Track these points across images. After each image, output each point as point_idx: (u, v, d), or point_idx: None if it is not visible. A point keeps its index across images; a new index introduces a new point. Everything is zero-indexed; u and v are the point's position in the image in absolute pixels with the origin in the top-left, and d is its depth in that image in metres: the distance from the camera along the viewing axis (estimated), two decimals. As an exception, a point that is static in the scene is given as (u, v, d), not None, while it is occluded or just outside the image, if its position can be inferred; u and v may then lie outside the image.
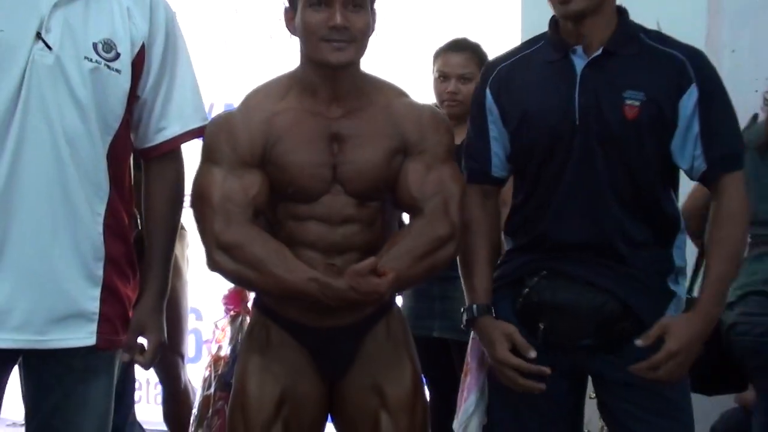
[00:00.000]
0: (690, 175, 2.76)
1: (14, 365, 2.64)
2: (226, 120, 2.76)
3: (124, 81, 2.59)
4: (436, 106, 3.72)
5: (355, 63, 2.69)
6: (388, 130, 2.72)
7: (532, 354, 2.68)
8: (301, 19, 2.64)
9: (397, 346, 2.86)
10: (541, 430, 2.84)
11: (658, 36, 2.78)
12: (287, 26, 2.71)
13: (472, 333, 3.02)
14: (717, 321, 2.78)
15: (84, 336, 2.57)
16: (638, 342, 2.61)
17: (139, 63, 2.62)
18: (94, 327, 2.58)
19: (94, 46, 2.54)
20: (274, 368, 2.80)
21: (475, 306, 2.78)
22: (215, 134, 2.72)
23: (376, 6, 2.73)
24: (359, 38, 2.63)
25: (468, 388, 3.02)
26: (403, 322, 2.93)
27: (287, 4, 2.70)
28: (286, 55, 2.74)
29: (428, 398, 3.06)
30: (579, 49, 2.71)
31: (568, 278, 2.73)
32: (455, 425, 3.10)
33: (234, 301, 3.80)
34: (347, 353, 2.80)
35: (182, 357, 4.20)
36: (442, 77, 4.03)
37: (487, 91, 2.84)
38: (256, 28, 5.40)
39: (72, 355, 2.57)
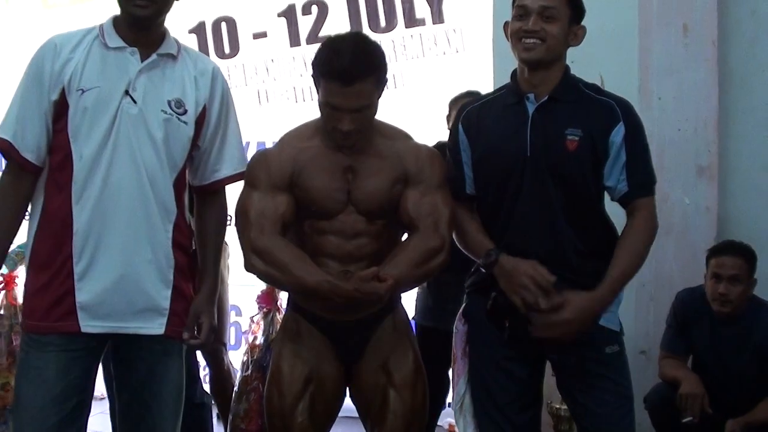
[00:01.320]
0: (612, 195, 2.79)
1: (104, 348, 2.74)
2: (263, 155, 2.88)
3: (189, 130, 2.70)
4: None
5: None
6: (392, 163, 2.79)
7: (553, 278, 2.69)
8: (320, 110, 2.75)
9: (401, 336, 2.91)
10: (508, 404, 2.86)
11: (594, 87, 2.84)
12: (316, 88, 2.77)
13: (454, 329, 3.11)
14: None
15: (156, 326, 2.67)
16: (542, 303, 2.65)
17: (201, 119, 2.73)
18: (164, 320, 2.68)
19: (168, 102, 2.67)
20: (303, 353, 2.86)
21: (492, 251, 2.76)
22: (255, 165, 2.82)
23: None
24: (365, 130, 2.73)
25: (457, 373, 3.08)
26: (406, 317, 2.99)
27: (314, 79, 2.77)
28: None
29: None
30: (531, 96, 2.76)
31: None
32: (452, 404, 3.18)
33: (266, 300, 3.84)
34: (361, 341, 2.86)
35: (225, 345, 4.22)
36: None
37: (460, 126, 2.89)
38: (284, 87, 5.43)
39: (153, 341, 2.68)
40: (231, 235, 2.97)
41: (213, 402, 4.13)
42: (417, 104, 4.54)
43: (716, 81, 4.17)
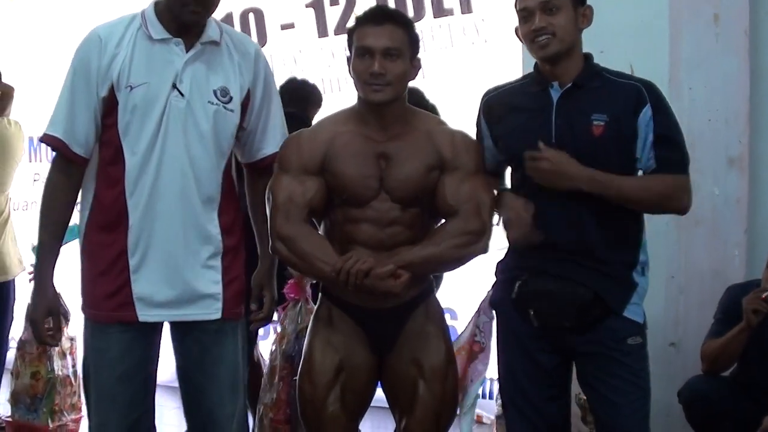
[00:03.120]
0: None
1: (160, 335, 2.86)
2: (296, 136, 2.88)
3: (236, 117, 2.79)
4: None
5: (395, 100, 2.77)
6: (426, 149, 2.80)
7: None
8: (352, 66, 2.79)
9: (434, 327, 2.90)
10: (537, 394, 2.88)
11: (617, 73, 2.84)
12: (349, 71, 2.82)
13: (482, 316, 3.13)
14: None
15: (212, 312, 2.79)
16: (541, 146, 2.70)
17: (245, 103, 2.82)
18: (219, 305, 2.79)
19: (214, 92, 2.75)
20: (335, 342, 2.87)
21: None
22: (287, 148, 2.86)
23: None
24: (394, 82, 2.73)
25: (482, 363, 3.11)
26: (439, 307, 2.97)
27: (348, 54, 2.83)
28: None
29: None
30: (555, 84, 2.78)
31: (552, 274, 2.78)
32: (470, 392, 3.20)
33: (294, 290, 3.84)
34: (393, 331, 2.85)
35: (255, 335, 4.24)
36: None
37: (481, 114, 2.93)
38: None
39: (207, 322, 2.78)
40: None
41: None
42: (446, 94, 4.52)
43: (747, 72, 4.15)
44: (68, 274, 4.89)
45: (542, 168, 2.70)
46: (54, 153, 2.81)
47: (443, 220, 2.85)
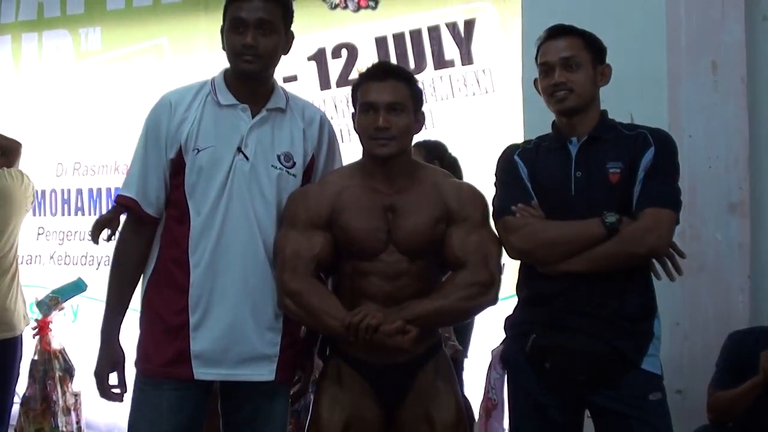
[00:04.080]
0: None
1: (210, 394, 2.90)
2: (303, 191, 2.90)
3: (298, 181, 2.88)
4: None
5: (400, 153, 2.82)
6: (433, 201, 2.83)
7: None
8: (357, 121, 2.83)
9: (444, 382, 2.90)
10: None
11: (631, 126, 2.92)
12: (353, 126, 2.89)
13: (493, 372, 3.13)
14: None
15: (266, 373, 2.83)
16: None
17: (309, 169, 2.91)
18: (274, 366, 2.84)
19: (278, 157, 2.84)
20: (343, 399, 2.86)
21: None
22: (294, 203, 2.87)
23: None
24: (399, 136, 2.78)
25: (498, 420, 3.07)
26: (449, 362, 2.98)
27: (353, 110, 2.88)
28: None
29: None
30: (574, 139, 2.85)
31: (567, 327, 2.78)
32: None
33: None
34: (402, 387, 2.84)
35: None
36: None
37: (516, 157, 2.94)
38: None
39: (260, 383, 2.82)
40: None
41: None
42: (447, 145, 4.57)
43: (746, 118, 4.18)
44: (74, 329, 4.94)
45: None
46: (126, 213, 2.92)
47: (450, 272, 2.87)
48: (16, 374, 4.93)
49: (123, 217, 2.99)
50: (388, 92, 2.78)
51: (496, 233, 2.91)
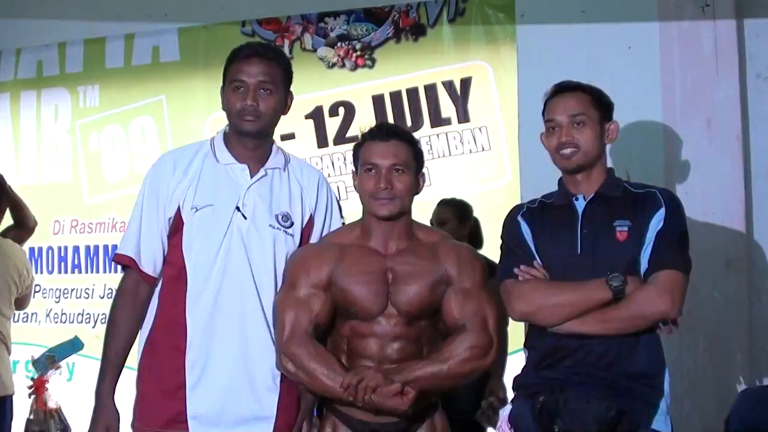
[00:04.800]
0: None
1: None
2: (303, 252, 2.89)
3: (296, 241, 2.88)
4: None
5: (401, 214, 2.82)
6: (432, 265, 2.82)
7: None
8: (359, 181, 2.84)
9: None
10: None
11: (638, 184, 2.89)
12: (354, 186, 2.89)
13: (507, 411, 3.11)
14: None
15: None
16: None
17: (307, 228, 2.92)
18: (271, 427, 2.81)
19: (276, 217, 2.85)
20: None
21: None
22: (293, 264, 2.86)
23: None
24: (401, 197, 2.79)
25: None
26: (445, 421, 2.95)
27: (354, 169, 2.89)
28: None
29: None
30: (580, 196, 2.83)
31: (575, 389, 2.73)
32: None
33: None
34: None
35: None
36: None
37: (520, 219, 2.91)
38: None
39: None
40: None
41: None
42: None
43: (741, 174, 4.20)
44: (70, 388, 4.91)
45: None
46: (124, 272, 2.91)
47: (448, 334, 2.85)
48: (7, 434, 4.91)
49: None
50: (391, 153, 2.80)
51: (499, 294, 2.89)
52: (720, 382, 4.10)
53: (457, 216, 4.52)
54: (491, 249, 4.06)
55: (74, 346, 5.07)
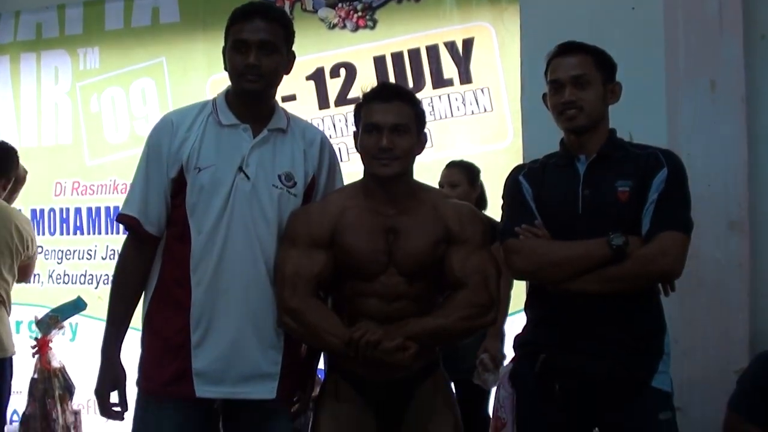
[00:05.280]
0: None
1: (214, 404, 2.89)
2: (305, 209, 2.90)
3: (299, 201, 2.89)
4: None
5: (403, 174, 2.82)
6: (434, 224, 2.83)
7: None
8: (360, 142, 2.83)
9: (442, 400, 2.90)
10: None
11: (640, 145, 2.91)
12: (355, 146, 2.89)
13: (502, 390, 3.12)
14: None
15: (267, 391, 2.83)
16: None
17: (310, 189, 2.92)
18: (275, 384, 2.83)
19: (279, 177, 2.85)
20: (341, 417, 2.86)
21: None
22: (295, 221, 2.86)
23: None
24: (402, 156, 2.79)
25: None
26: (447, 379, 2.98)
27: (355, 129, 2.89)
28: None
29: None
30: (582, 157, 2.84)
31: (577, 349, 2.77)
32: None
33: None
34: (401, 404, 2.84)
35: None
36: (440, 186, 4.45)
37: (521, 178, 2.94)
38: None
39: (262, 401, 2.82)
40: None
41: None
42: (445, 164, 4.60)
43: (745, 136, 4.19)
44: (74, 348, 4.94)
45: None
46: (127, 231, 2.93)
47: (449, 292, 2.87)
48: (7, 394, 4.93)
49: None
50: (393, 113, 2.79)
51: (500, 254, 2.91)
52: (721, 343, 4.11)
53: (468, 178, 4.52)
54: (494, 210, 4.07)
55: (77, 306, 5.10)
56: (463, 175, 4.51)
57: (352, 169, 3.11)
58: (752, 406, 3.65)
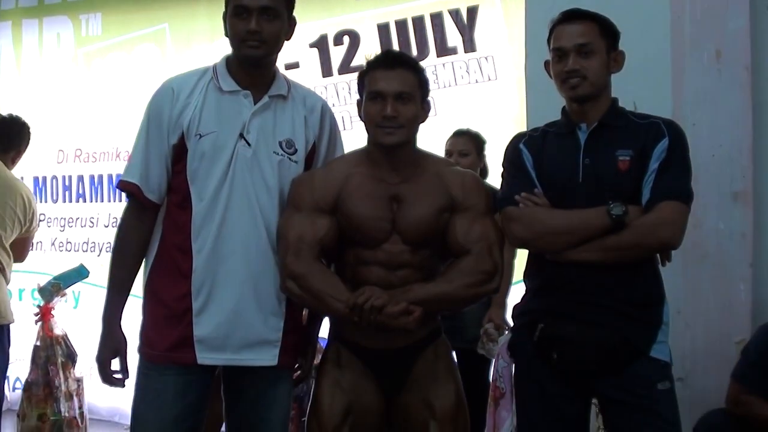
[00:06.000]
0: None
1: (216, 371, 2.91)
2: (309, 175, 2.90)
3: (300, 168, 2.89)
4: None
5: (407, 143, 2.82)
6: (438, 191, 2.83)
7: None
8: (364, 109, 2.82)
9: (443, 368, 2.91)
10: None
11: (642, 114, 2.88)
12: (359, 114, 2.87)
13: (500, 360, 3.14)
14: None
15: (269, 358, 2.85)
16: None
17: (310, 156, 2.92)
18: (276, 351, 2.85)
19: (280, 143, 2.85)
20: (343, 384, 2.87)
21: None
22: (300, 186, 2.86)
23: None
24: (407, 125, 2.78)
25: (506, 409, 3.11)
26: (448, 347, 2.98)
27: (359, 97, 2.87)
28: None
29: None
30: (583, 126, 2.82)
31: (575, 318, 2.76)
32: None
33: None
34: (402, 372, 2.85)
35: None
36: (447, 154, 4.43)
37: (522, 146, 2.91)
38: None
39: (264, 368, 2.84)
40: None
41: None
42: (449, 133, 4.58)
43: (750, 106, 4.18)
44: (76, 315, 4.95)
45: None
46: (128, 198, 2.92)
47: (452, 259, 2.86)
48: (6, 362, 4.95)
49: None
50: (397, 81, 2.78)
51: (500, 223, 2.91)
52: (724, 313, 4.11)
53: (476, 148, 4.52)
54: (495, 179, 4.07)
55: (80, 273, 5.11)
56: (472, 145, 4.50)
57: (355, 138, 3.09)
58: (755, 378, 3.66)
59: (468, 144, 4.49)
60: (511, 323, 3.08)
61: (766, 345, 3.71)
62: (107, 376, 2.91)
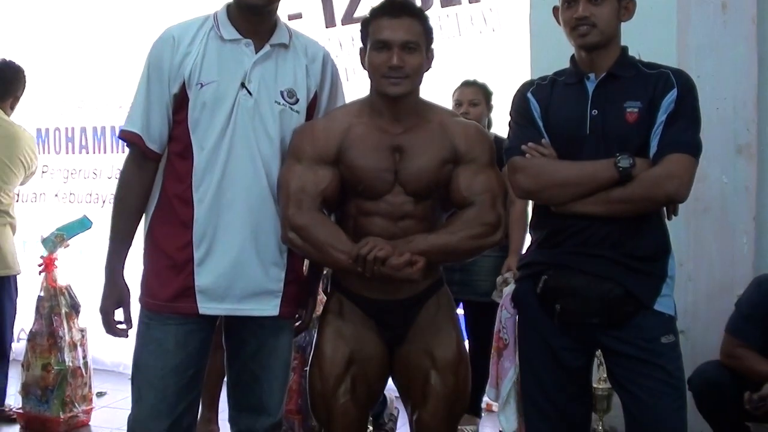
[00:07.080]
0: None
1: (217, 321, 2.92)
2: (310, 125, 2.86)
3: (301, 118, 2.86)
4: None
5: (411, 93, 2.79)
6: (441, 142, 2.80)
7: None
8: (368, 59, 2.79)
9: (445, 318, 2.90)
10: (558, 393, 2.86)
11: (652, 64, 2.83)
12: (361, 62, 2.85)
13: (504, 311, 3.13)
14: None
15: (270, 308, 2.85)
16: None
17: (312, 106, 2.90)
18: (278, 301, 2.86)
19: (281, 93, 2.83)
20: (345, 334, 2.87)
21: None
22: (300, 137, 2.83)
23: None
24: (412, 75, 2.75)
25: (509, 360, 3.12)
26: (450, 298, 2.98)
27: (362, 45, 2.84)
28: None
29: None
30: (592, 76, 2.78)
31: (579, 269, 2.75)
32: (501, 390, 3.21)
33: None
34: (404, 322, 2.85)
35: None
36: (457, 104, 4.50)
37: (530, 95, 2.87)
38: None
39: (265, 318, 2.85)
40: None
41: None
42: (453, 84, 4.56)
43: (755, 59, 4.16)
44: (81, 266, 4.94)
45: None
46: (129, 148, 2.90)
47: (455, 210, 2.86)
48: (13, 312, 4.98)
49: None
50: (403, 30, 2.74)
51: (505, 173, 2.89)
52: (726, 266, 4.12)
53: (485, 98, 4.52)
54: (500, 130, 4.06)
55: (83, 225, 5.10)
56: (482, 96, 4.49)
57: (356, 89, 3.07)
58: (748, 330, 3.69)
59: (478, 94, 4.49)
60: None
61: (759, 298, 3.73)
62: (111, 327, 2.92)
